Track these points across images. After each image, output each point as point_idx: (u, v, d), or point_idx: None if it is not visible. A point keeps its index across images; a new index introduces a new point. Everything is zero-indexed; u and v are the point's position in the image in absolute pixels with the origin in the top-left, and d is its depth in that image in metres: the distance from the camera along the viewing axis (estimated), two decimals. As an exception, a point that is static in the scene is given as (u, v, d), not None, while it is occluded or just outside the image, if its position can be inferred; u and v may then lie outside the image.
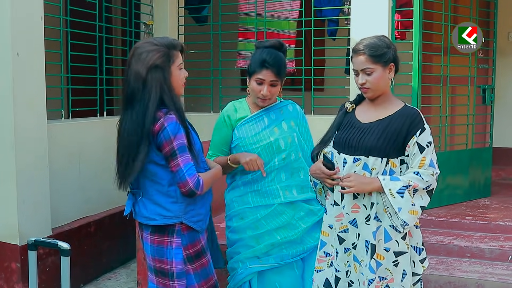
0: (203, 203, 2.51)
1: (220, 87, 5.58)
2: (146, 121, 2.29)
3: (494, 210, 4.66)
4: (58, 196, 4.09)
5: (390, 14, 4.53)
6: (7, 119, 3.58)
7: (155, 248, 2.43)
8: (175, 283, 2.41)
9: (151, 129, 2.29)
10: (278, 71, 2.71)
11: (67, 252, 2.60)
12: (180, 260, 2.40)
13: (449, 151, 4.92)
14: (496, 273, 3.61)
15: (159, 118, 2.30)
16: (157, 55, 2.33)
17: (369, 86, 2.43)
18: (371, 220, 2.40)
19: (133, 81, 2.34)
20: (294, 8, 5.22)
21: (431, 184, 2.38)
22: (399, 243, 2.39)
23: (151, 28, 5.48)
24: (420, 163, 2.36)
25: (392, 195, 2.33)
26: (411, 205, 2.34)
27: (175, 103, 2.34)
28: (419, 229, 2.50)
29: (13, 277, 3.71)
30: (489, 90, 5.26)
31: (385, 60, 2.41)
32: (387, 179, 2.35)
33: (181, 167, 2.30)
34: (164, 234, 2.41)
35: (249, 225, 2.81)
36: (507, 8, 5.92)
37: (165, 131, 2.29)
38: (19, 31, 3.61)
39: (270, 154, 2.80)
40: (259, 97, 2.76)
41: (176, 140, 2.30)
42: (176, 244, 2.40)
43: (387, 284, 2.41)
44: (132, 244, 4.28)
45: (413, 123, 2.39)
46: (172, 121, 2.30)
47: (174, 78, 2.39)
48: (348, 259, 2.53)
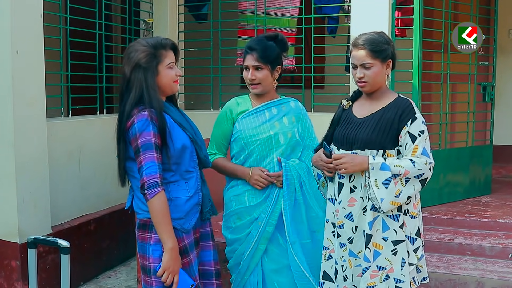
0: (186, 201, 2.45)
1: (220, 85, 5.57)
2: (123, 120, 2.37)
3: (495, 207, 4.67)
4: (58, 194, 4.09)
5: (390, 12, 4.52)
6: (7, 117, 3.57)
7: (139, 244, 2.46)
8: (152, 280, 2.39)
9: (125, 126, 2.36)
10: (261, 55, 2.73)
11: (67, 250, 2.60)
12: (158, 257, 2.36)
13: (449, 148, 4.92)
14: (496, 271, 3.61)
15: (133, 115, 2.34)
16: (141, 55, 2.38)
17: (367, 80, 2.47)
18: (367, 211, 2.44)
19: (120, 80, 2.44)
20: (294, 5, 5.21)
21: (424, 173, 2.39)
22: (397, 232, 2.44)
23: (151, 25, 5.48)
24: (412, 152, 2.39)
25: (377, 185, 2.37)
26: (394, 197, 2.37)
27: (152, 101, 2.35)
28: (416, 219, 2.51)
29: (13, 275, 3.71)
30: (489, 88, 5.26)
31: (384, 56, 2.45)
32: (376, 167, 2.37)
33: (142, 164, 2.30)
34: (145, 230, 2.43)
35: (247, 225, 2.82)
36: (507, 5, 5.91)
37: (133, 128, 2.32)
38: (19, 28, 3.60)
39: (269, 148, 2.80)
40: (249, 84, 2.81)
41: (142, 137, 2.31)
42: (154, 240, 2.38)
43: (387, 274, 2.44)
44: (132, 242, 4.26)
45: (403, 113, 2.43)
46: (142, 119, 2.32)
47: (162, 77, 2.42)
48: (344, 254, 2.57)
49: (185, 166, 2.45)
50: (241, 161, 2.84)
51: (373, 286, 2.45)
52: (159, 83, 2.42)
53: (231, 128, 2.85)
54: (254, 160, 2.81)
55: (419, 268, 2.57)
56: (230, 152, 2.95)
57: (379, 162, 2.38)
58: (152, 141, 2.30)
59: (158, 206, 2.29)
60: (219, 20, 5.55)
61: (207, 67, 5.68)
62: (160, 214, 2.30)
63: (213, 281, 2.64)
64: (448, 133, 4.91)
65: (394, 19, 4.62)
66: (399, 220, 2.43)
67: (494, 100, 5.31)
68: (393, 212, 2.43)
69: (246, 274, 2.82)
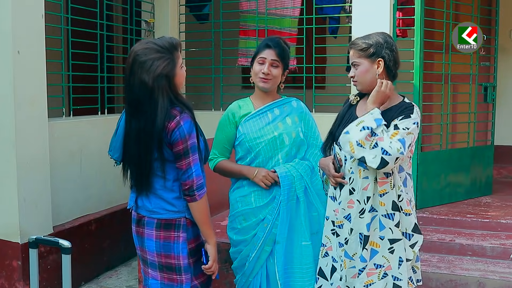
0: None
1: (221, 85, 5.57)
2: (156, 127, 2.32)
3: (496, 208, 4.66)
4: (59, 194, 4.09)
5: (391, 12, 4.52)
6: (8, 117, 3.58)
7: (161, 244, 2.46)
8: (183, 277, 2.45)
9: (166, 126, 2.32)
10: (280, 53, 2.79)
11: (68, 250, 2.60)
12: (187, 255, 2.45)
13: (450, 149, 4.91)
14: (497, 271, 3.61)
15: (175, 116, 2.33)
16: (164, 64, 2.33)
17: (356, 79, 2.54)
18: (365, 213, 2.44)
19: (138, 89, 2.34)
20: (295, 5, 5.21)
21: (391, 154, 2.28)
22: (392, 230, 2.45)
23: (152, 26, 5.48)
24: (391, 135, 2.34)
25: (357, 125, 2.35)
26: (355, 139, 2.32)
27: (185, 104, 2.40)
28: (410, 216, 2.50)
29: (14, 275, 3.71)
30: (490, 88, 5.25)
31: (369, 54, 2.48)
32: (369, 117, 2.36)
33: (191, 166, 2.36)
34: (171, 229, 2.45)
35: (253, 226, 2.81)
36: (508, 6, 5.90)
37: (181, 129, 2.33)
38: (20, 29, 3.60)
39: (274, 149, 2.80)
40: (260, 77, 2.79)
41: (191, 139, 2.36)
42: (183, 239, 2.45)
43: (385, 272, 2.45)
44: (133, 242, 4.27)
45: (401, 112, 2.44)
46: (188, 120, 2.35)
47: (178, 78, 2.43)
48: (341, 254, 2.58)
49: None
50: (247, 163, 2.84)
51: (371, 284, 2.46)
52: (176, 84, 2.43)
53: (235, 132, 2.86)
54: (260, 162, 2.81)
55: (414, 268, 2.57)
56: (235, 156, 2.94)
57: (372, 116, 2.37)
58: (196, 143, 2.38)
59: (205, 206, 2.44)
60: (220, 21, 5.55)
61: (208, 67, 5.68)
62: (206, 212, 2.46)
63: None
64: (449, 134, 4.90)
65: (395, 19, 4.62)
66: (394, 218, 2.44)
67: (495, 101, 5.30)
68: (388, 211, 2.44)
69: (251, 275, 2.82)
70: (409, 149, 2.38)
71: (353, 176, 2.49)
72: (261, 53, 2.80)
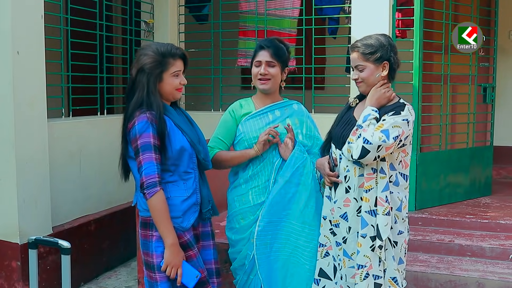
0: (183, 201, 2.51)
1: (221, 86, 5.57)
2: (125, 120, 2.49)
3: (495, 208, 4.67)
4: (58, 195, 4.09)
5: (390, 13, 4.52)
6: (8, 118, 3.58)
7: (142, 242, 2.55)
8: (156, 275, 2.49)
9: (127, 127, 2.46)
10: (275, 52, 2.79)
11: (68, 251, 2.60)
12: (160, 253, 2.46)
13: (449, 149, 4.92)
14: (496, 272, 3.61)
15: (134, 117, 2.43)
16: (148, 61, 2.47)
17: (361, 81, 2.54)
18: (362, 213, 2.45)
19: (128, 80, 2.53)
20: (295, 6, 5.21)
21: (372, 143, 2.34)
22: (374, 227, 2.44)
23: (151, 26, 5.48)
24: (377, 127, 2.38)
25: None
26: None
27: (152, 105, 2.45)
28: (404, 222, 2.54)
29: (13, 276, 3.71)
30: (490, 89, 5.25)
31: (376, 59, 2.48)
32: (360, 117, 2.46)
33: (141, 164, 2.39)
34: (147, 228, 2.53)
35: (250, 224, 2.81)
36: (508, 6, 5.91)
37: (133, 129, 2.42)
38: (20, 29, 3.60)
39: (273, 149, 2.80)
40: (258, 79, 2.81)
41: (141, 138, 2.40)
42: (156, 238, 2.48)
43: (367, 272, 2.45)
44: (132, 243, 4.28)
45: (393, 110, 2.46)
46: (142, 120, 2.41)
47: (165, 84, 2.52)
48: (339, 253, 2.59)
49: (184, 167, 2.53)
50: (245, 164, 2.83)
51: (354, 284, 2.48)
52: (162, 90, 2.52)
53: (235, 128, 2.87)
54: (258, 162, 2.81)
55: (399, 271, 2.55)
56: None
57: (364, 112, 2.48)
58: (151, 142, 2.40)
59: (157, 205, 2.39)
60: (220, 21, 5.55)
61: (208, 68, 5.68)
62: (159, 212, 2.40)
63: (214, 279, 2.70)
64: (448, 134, 4.91)
65: (395, 20, 4.63)
66: (377, 216, 2.43)
67: (494, 101, 5.30)
68: (371, 207, 2.44)
69: (252, 273, 2.82)
70: (399, 145, 2.40)
71: (349, 174, 2.50)
72: (256, 56, 2.83)
